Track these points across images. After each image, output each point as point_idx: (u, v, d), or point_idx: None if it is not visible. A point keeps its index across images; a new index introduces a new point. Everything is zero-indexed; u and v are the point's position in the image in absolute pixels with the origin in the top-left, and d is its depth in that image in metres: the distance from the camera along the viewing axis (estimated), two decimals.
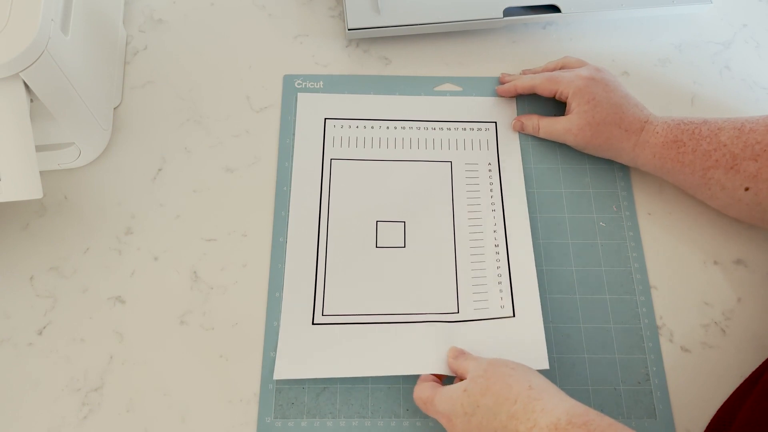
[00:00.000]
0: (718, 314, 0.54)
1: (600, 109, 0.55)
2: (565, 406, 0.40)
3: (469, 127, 0.60)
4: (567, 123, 0.56)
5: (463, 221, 0.55)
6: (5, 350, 0.51)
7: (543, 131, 0.59)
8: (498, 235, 0.55)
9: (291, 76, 0.63)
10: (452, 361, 0.48)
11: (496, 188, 0.57)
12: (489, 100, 0.62)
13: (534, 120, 0.59)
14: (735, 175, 0.50)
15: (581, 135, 0.56)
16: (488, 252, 0.54)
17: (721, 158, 0.50)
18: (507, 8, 0.63)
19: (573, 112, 0.56)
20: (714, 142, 0.51)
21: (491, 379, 0.42)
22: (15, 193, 0.46)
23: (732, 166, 0.50)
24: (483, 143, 0.59)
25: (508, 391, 0.41)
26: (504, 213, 0.56)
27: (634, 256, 0.55)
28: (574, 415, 0.39)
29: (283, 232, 0.55)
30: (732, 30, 0.68)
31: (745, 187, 0.50)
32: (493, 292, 0.52)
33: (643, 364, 0.51)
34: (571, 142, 0.57)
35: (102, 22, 0.58)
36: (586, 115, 0.55)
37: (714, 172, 0.51)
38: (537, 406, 0.40)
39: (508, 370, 0.43)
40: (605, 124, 0.55)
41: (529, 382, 0.42)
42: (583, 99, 0.55)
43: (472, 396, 0.42)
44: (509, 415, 0.40)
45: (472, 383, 0.43)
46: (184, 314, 0.52)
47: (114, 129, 0.59)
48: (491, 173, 0.58)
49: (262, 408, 0.49)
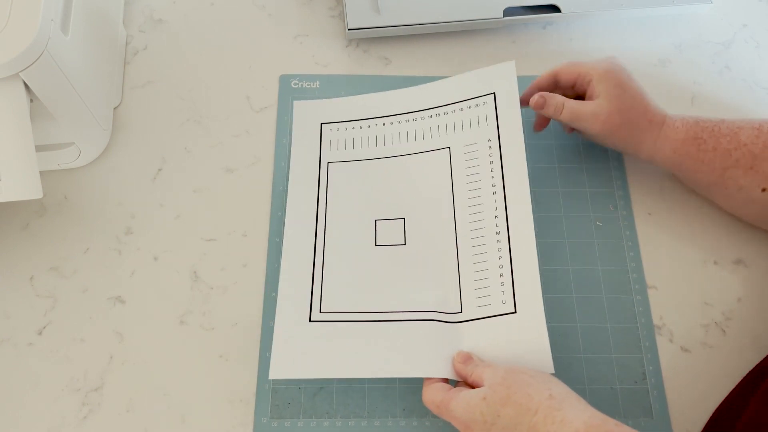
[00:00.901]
0: (718, 314, 0.54)
1: (629, 94, 0.52)
2: (583, 417, 0.40)
3: (466, 106, 0.57)
4: (596, 107, 0.52)
5: (464, 210, 0.54)
6: (5, 350, 0.51)
7: (567, 113, 0.54)
8: (500, 221, 0.52)
9: (287, 76, 0.63)
10: (461, 366, 0.47)
11: (496, 167, 0.54)
12: (485, 71, 0.58)
13: (558, 100, 0.54)
14: (754, 176, 0.50)
15: (609, 122, 0.52)
16: (490, 241, 0.52)
17: (741, 158, 0.50)
18: (507, 8, 0.63)
19: (601, 96, 0.52)
20: (734, 141, 0.50)
21: (512, 388, 0.42)
22: (15, 193, 0.46)
23: (752, 166, 0.50)
24: (482, 119, 0.56)
25: (529, 401, 0.41)
26: (505, 194, 0.53)
27: (630, 256, 0.55)
28: (593, 426, 0.39)
29: (279, 232, 0.55)
30: (732, 30, 0.68)
31: (762, 188, 0.50)
32: (495, 286, 0.50)
33: (639, 363, 0.51)
34: (597, 129, 0.53)
35: (102, 22, 0.58)
36: (616, 100, 0.52)
37: (733, 171, 0.51)
38: (557, 417, 0.40)
39: (528, 378, 0.43)
40: (633, 112, 0.52)
41: (549, 391, 0.42)
42: (611, 83, 0.52)
43: (492, 405, 0.42)
44: (530, 426, 0.40)
45: (491, 391, 0.42)
46: (184, 314, 0.52)
47: (114, 129, 0.59)
48: (491, 150, 0.55)
49: (259, 408, 0.49)
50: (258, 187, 0.57)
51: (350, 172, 0.57)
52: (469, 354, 0.47)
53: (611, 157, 0.59)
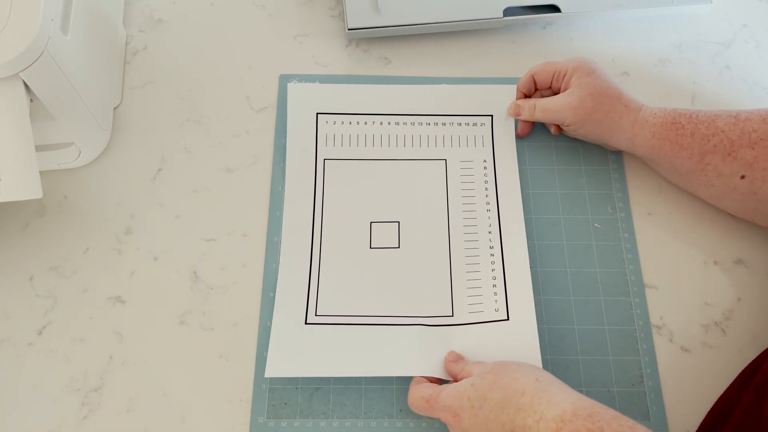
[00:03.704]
0: (718, 314, 0.54)
1: (601, 81, 0.54)
2: (570, 398, 0.41)
3: (464, 122, 0.59)
4: (567, 96, 0.55)
5: (458, 221, 0.55)
6: (5, 350, 0.51)
7: (539, 109, 0.56)
8: (493, 237, 0.54)
9: (287, 76, 0.63)
10: (451, 364, 0.48)
11: (491, 187, 0.57)
12: (487, 88, 0.61)
13: (530, 102, 0.57)
14: (732, 162, 0.50)
15: (582, 107, 0.54)
16: (483, 253, 0.54)
17: (719, 144, 0.50)
18: (507, 8, 0.63)
19: (573, 85, 0.55)
20: (712, 127, 0.51)
21: (499, 374, 0.43)
22: (15, 193, 0.46)
23: (729, 152, 0.50)
24: (478, 139, 0.59)
25: (515, 385, 0.42)
26: (499, 213, 0.55)
27: (629, 258, 0.55)
28: (580, 407, 0.40)
29: (277, 232, 0.55)
30: (732, 30, 0.68)
31: (741, 174, 0.50)
32: (488, 295, 0.52)
33: (637, 365, 0.51)
34: (571, 117, 0.54)
35: (102, 22, 0.58)
36: (588, 86, 0.54)
37: (712, 157, 0.51)
38: (544, 398, 0.41)
39: (515, 366, 0.44)
40: (607, 96, 0.54)
41: (536, 376, 0.43)
42: (584, 72, 0.54)
43: (479, 390, 0.43)
44: (517, 407, 0.41)
45: (479, 378, 0.43)
46: (183, 314, 0.52)
47: (114, 129, 0.59)
48: (486, 171, 0.57)
49: (255, 408, 0.49)
50: (258, 187, 0.57)
51: (346, 171, 0.57)
52: (460, 354, 0.49)
53: (611, 159, 0.59)
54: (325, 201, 0.56)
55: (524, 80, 0.59)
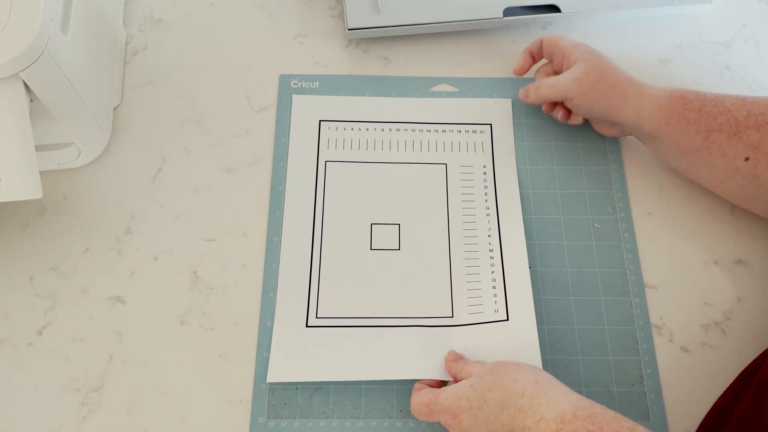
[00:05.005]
0: (718, 314, 0.54)
1: (604, 58, 0.55)
2: (570, 399, 0.41)
3: (464, 129, 0.60)
4: (571, 72, 0.55)
5: (458, 224, 0.55)
6: (5, 350, 0.51)
7: (544, 86, 0.57)
8: (492, 240, 0.55)
9: (287, 76, 0.63)
10: (452, 364, 0.48)
11: (490, 192, 0.57)
12: (484, 102, 0.62)
13: (534, 83, 0.58)
14: (737, 143, 0.50)
15: (585, 79, 0.54)
16: (483, 256, 0.54)
17: (725, 122, 0.50)
18: (507, 8, 0.63)
19: (577, 61, 0.55)
20: (719, 105, 0.51)
21: (498, 375, 0.43)
22: (15, 193, 0.46)
23: (735, 132, 0.50)
24: (478, 145, 0.59)
25: (515, 385, 0.42)
26: (498, 217, 0.56)
27: (629, 258, 0.55)
28: (579, 408, 0.40)
29: (277, 232, 0.55)
30: (732, 30, 0.68)
31: (746, 156, 0.50)
32: (488, 297, 0.52)
33: (637, 366, 0.51)
34: (574, 89, 0.54)
35: (102, 22, 0.58)
36: (590, 60, 0.54)
37: (717, 135, 0.51)
38: (543, 398, 0.41)
39: (515, 367, 0.44)
40: (610, 69, 0.54)
41: (535, 377, 0.43)
42: (584, 49, 0.55)
43: (478, 391, 0.43)
44: (516, 408, 0.41)
45: (478, 379, 0.43)
46: (183, 314, 0.52)
47: (114, 129, 0.59)
48: (486, 176, 0.58)
49: (255, 408, 0.49)
50: (258, 187, 0.57)
51: (348, 173, 0.57)
52: (460, 354, 0.49)
53: (611, 159, 0.59)
54: (326, 203, 0.56)
55: (534, 42, 0.60)
